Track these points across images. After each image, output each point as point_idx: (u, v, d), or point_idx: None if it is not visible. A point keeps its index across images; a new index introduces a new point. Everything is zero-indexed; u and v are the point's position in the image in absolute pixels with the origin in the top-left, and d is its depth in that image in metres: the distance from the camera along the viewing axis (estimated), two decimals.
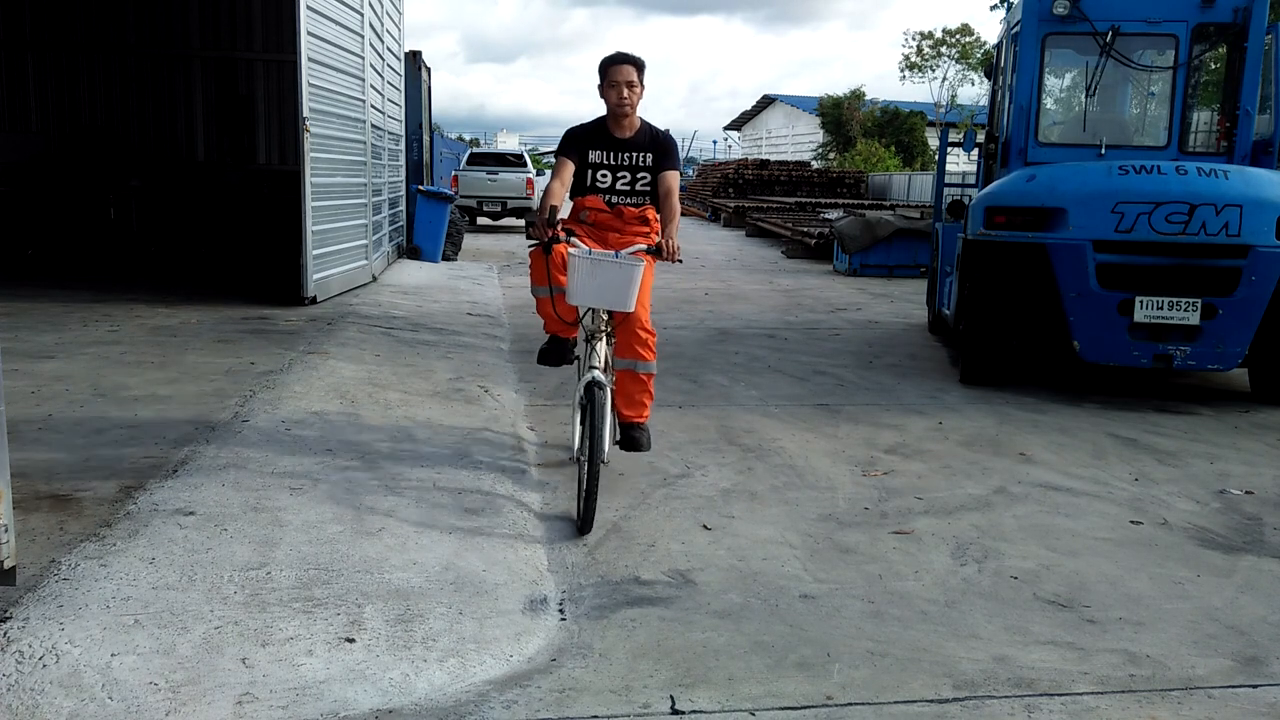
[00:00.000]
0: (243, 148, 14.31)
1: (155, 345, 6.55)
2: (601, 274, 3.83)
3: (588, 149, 4.35)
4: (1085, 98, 7.46)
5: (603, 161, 4.37)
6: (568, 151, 4.34)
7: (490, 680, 2.68)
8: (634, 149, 4.36)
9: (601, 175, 4.37)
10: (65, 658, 2.50)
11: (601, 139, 4.37)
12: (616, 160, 4.37)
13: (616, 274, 3.84)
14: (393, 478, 4.09)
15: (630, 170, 4.37)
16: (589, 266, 3.84)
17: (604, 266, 3.84)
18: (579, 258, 3.85)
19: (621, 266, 3.84)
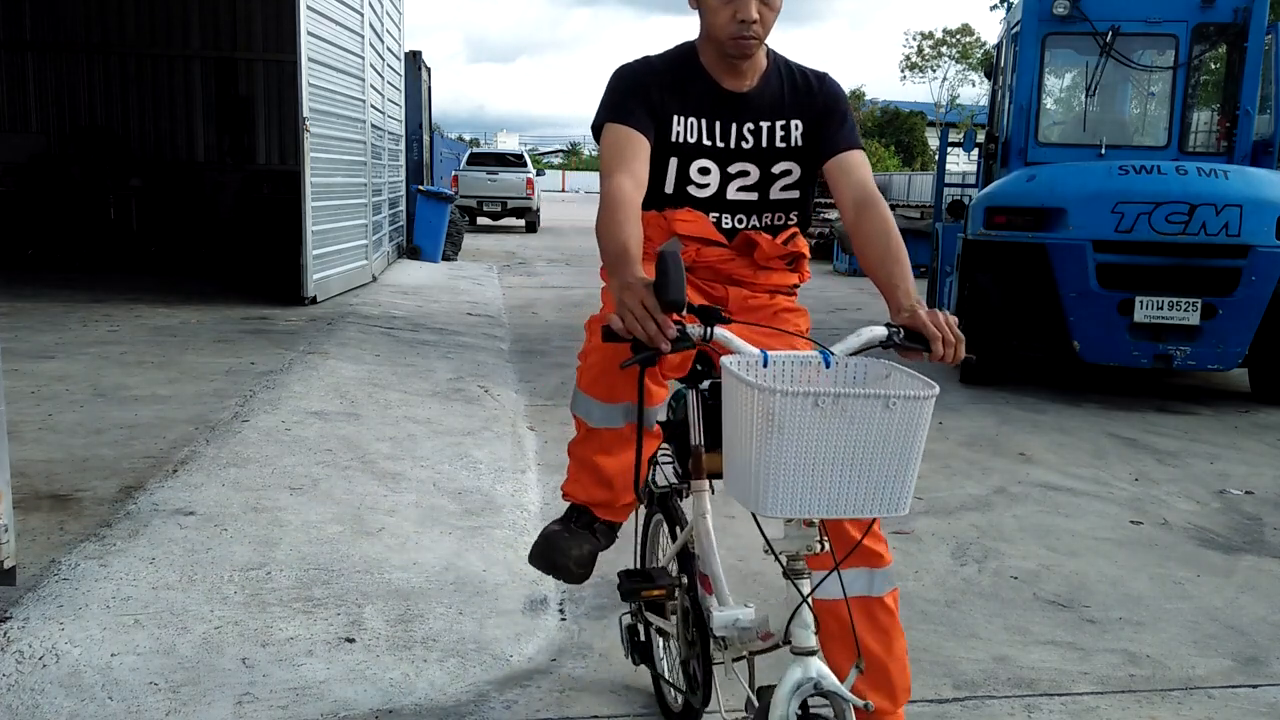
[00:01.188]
0: (243, 148, 14.31)
1: (155, 345, 6.54)
2: (841, 430, 1.52)
3: (671, 113, 2.15)
4: (1085, 98, 7.46)
5: (701, 141, 2.18)
6: (632, 114, 2.10)
7: (490, 680, 2.68)
8: (763, 113, 2.19)
9: (700, 170, 2.19)
10: (65, 658, 2.50)
11: (696, 95, 2.17)
12: (729, 138, 2.19)
13: (876, 426, 1.54)
14: (393, 477, 4.08)
15: (759, 157, 2.20)
16: (805, 411, 1.50)
17: (851, 411, 1.52)
18: (785, 396, 1.49)
19: (892, 406, 1.53)
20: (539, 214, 22.68)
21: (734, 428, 1.59)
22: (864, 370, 1.75)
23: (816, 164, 2.22)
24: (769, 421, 1.47)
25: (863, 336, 1.81)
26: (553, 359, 7.28)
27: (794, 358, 1.74)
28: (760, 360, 1.71)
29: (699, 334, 1.71)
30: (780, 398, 1.46)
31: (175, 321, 7.54)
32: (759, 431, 1.49)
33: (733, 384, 1.57)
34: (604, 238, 1.90)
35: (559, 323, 9.10)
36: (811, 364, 1.74)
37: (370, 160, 10.89)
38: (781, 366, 1.73)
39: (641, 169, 2.05)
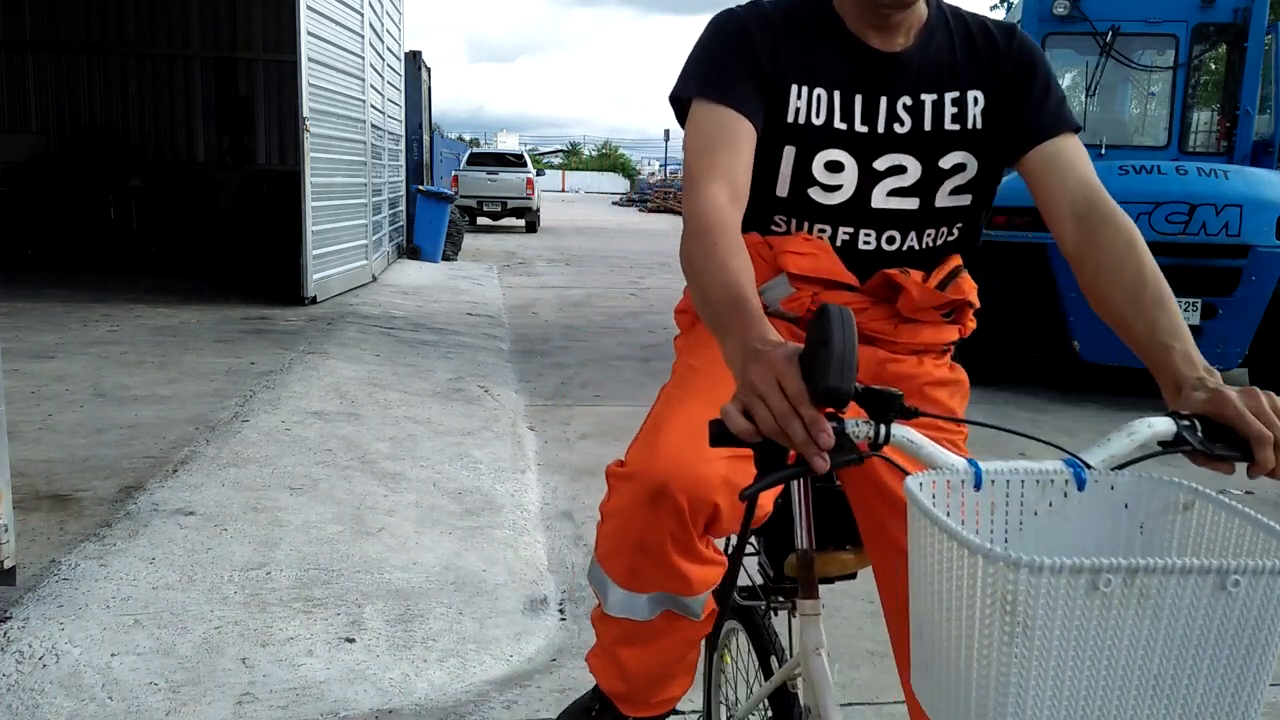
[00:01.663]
0: (243, 148, 14.31)
1: (155, 345, 6.54)
2: (1138, 630, 0.86)
3: (789, 81, 1.48)
4: (1085, 98, 7.46)
5: (833, 123, 1.50)
6: (734, 89, 1.43)
7: (490, 680, 2.68)
8: (925, 82, 1.52)
9: (829, 165, 1.51)
10: (65, 658, 2.50)
11: (826, 56, 1.50)
12: (875, 118, 1.51)
13: (1201, 620, 0.87)
14: (393, 477, 4.08)
15: (921, 145, 1.52)
16: (1075, 600, 0.85)
17: (1159, 597, 0.85)
18: (1038, 574, 0.84)
19: (1233, 588, 0.85)
20: (539, 214, 22.69)
21: (934, 605, 0.95)
22: (1146, 499, 1.07)
23: (1006, 156, 1.54)
24: (1008, 615, 0.86)
25: (1135, 436, 1.13)
26: (553, 359, 7.28)
27: (1024, 473, 1.07)
28: (971, 478, 1.06)
29: (866, 435, 1.05)
30: (1029, 576, 0.84)
31: (175, 321, 7.54)
32: (989, 628, 0.88)
33: (929, 533, 0.94)
34: (700, 275, 1.25)
35: (559, 323, 9.10)
36: (1055, 486, 1.07)
37: (370, 160, 10.89)
38: (1005, 491, 1.07)
39: (743, 172, 1.38)
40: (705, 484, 1.32)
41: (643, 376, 6.75)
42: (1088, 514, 1.07)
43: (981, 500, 1.06)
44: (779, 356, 1.00)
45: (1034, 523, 1.07)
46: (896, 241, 1.56)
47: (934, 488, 1.04)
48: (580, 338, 8.26)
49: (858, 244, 1.55)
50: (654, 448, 1.40)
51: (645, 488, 1.35)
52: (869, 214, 1.53)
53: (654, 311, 9.95)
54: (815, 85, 1.49)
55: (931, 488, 1.03)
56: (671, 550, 1.38)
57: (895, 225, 1.54)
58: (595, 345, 7.91)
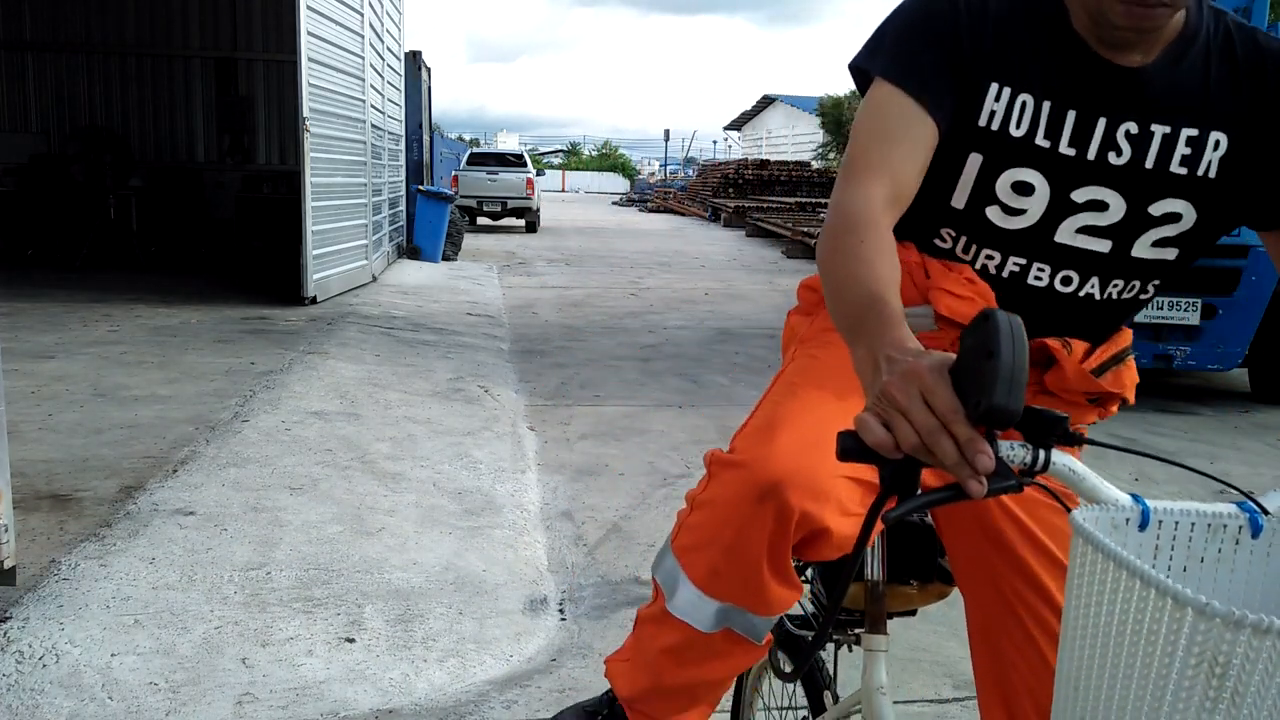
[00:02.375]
0: (243, 148, 14.31)
1: (155, 345, 6.55)
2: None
3: (988, 79, 1.25)
4: None
5: (1034, 138, 1.26)
6: (925, 76, 1.22)
7: (490, 680, 2.68)
8: (1161, 109, 1.24)
9: (1018, 186, 1.28)
10: (65, 658, 2.50)
11: (1045, 58, 1.24)
12: (1088, 141, 1.25)
13: None
14: (393, 477, 4.09)
15: (1134, 182, 1.26)
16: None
17: None
18: (1255, 634, 0.74)
19: None
20: (539, 214, 22.68)
21: (1105, 657, 0.86)
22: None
23: (1247, 219, 1.30)
24: (1216, 679, 0.77)
25: None
26: (553, 359, 7.28)
27: (1195, 515, 0.96)
28: (1138, 516, 0.96)
29: (1022, 461, 0.96)
30: (1251, 639, 0.74)
31: (175, 321, 7.54)
32: (1189, 692, 0.79)
33: (1105, 575, 0.85)
34: (838, 272, 1.12)
35: (559, 323, 9.11)
36: (1228, 531, 0.97)
37: (370, 160, 10.89)
38: (1173, 534, 0.97)
39: (912, 175, 1.21)
40: (822, 496, 1.16)
41: (643, 376, 6.75)
42: (1259, 565, 0.95)
43: (1145, 541, 0.94)
44: (924, 367, 0.88)
45: (1199, 570, 0.96)
46: (1073, 284, 1.33)
47: (1096, 525, 0.92)
48: (580, 338, 8.26)
49: (1027, 279, 1.33)
50: (770, 440, 1.22)
51: (754, 483, 1.19)
52: (1049, 248, 1.31)
53: (654, 311, 9.95)
54: (1021, 90, 1.25)
55: (1095, 524, 0.91)
56: (764, 558, 1.21)
57: (1077, 265, 1.31)
58: (595, 345, 7.91)
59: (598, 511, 4.07)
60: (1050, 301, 1.33)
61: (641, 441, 5.14)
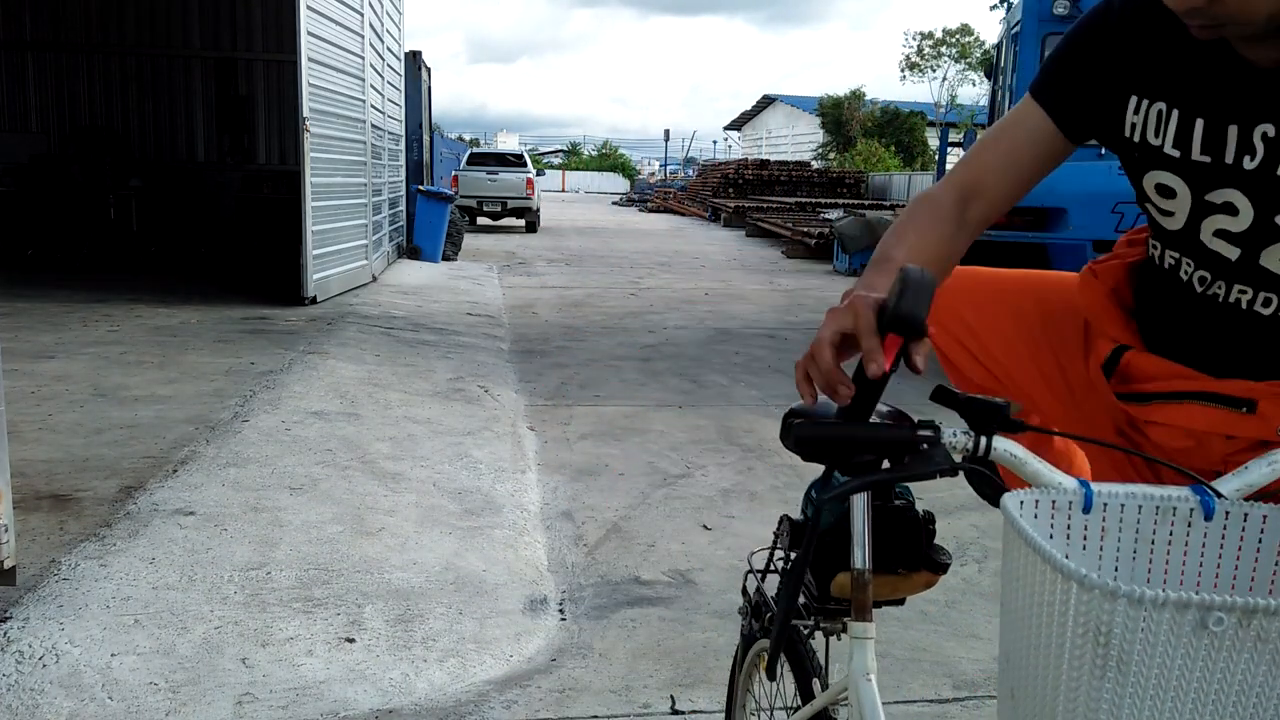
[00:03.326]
0: (243, 148, 14.31)
1: (155, 345, 6.55)
2: (1253, 677, 0.80)
3: (1128, 92, 1.27)
4: None
5: (1164, 147, 1.25)
6: (1059, 93, 1.32)
7: (490, 680, 2.68)
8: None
9: (1160, 189, 1.29)
10: (65, 658, 2.50)
11: (1179, 64, 1.22)
12: (1221, 146, 1.20)
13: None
14: (393, 477, 4.09)
15: (1260, 186, 1.19)
16: (1179, 637, 0.79)
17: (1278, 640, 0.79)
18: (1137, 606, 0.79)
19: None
20: (539, 214, 22.68)
21: (1024, 631, 0.89)
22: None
23: None
24: (1102, 648, 0.79)
25: (1277, 465, 1.02)
26: (553, 359, 7.28)
27: (1142, 497, 0.98)
28: (1081, 499, 0.97)
29: (965, 446, 1.02)
30: (1127, 608, 0.77)
31: (175, 321, 7.54)
32: (1079, 660, 0.81)
33: (1022, 554, 0.88)
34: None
35: (559, 323, 9.11)
36: (1178, 514, 0.97)
37: (370, 160, 10.89)
38: (1119, 516, 0.97)
39: (995, 168, 1.32)
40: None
41: (643, 377, 6.75)
42: (1214, 548, 0.97)
43: (1091, 524, 0.97)
44: (861, 297, 1.01)
45: (1150, 552, 0.98)
46: (1214, 286, 1.28)
47: (1036, 507, 0.96)
48: (580, 338, 8.26)
49: (1181, 273, 1.33)
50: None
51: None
52: (1197, 249, 1.30)
53: (654, 311, 9.95)
54: (1155, 99, 1.26)
55: (1034, 507, 0.95)
56: None
57: (1208, 267, 1.29)
58: (595, 345, 7.91)
59: (598, 511, 4.07)
60: (1207, 306, 1.31)
61: (641, 441, 5.14)
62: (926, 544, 1.42)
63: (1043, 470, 1.02)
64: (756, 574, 1.68)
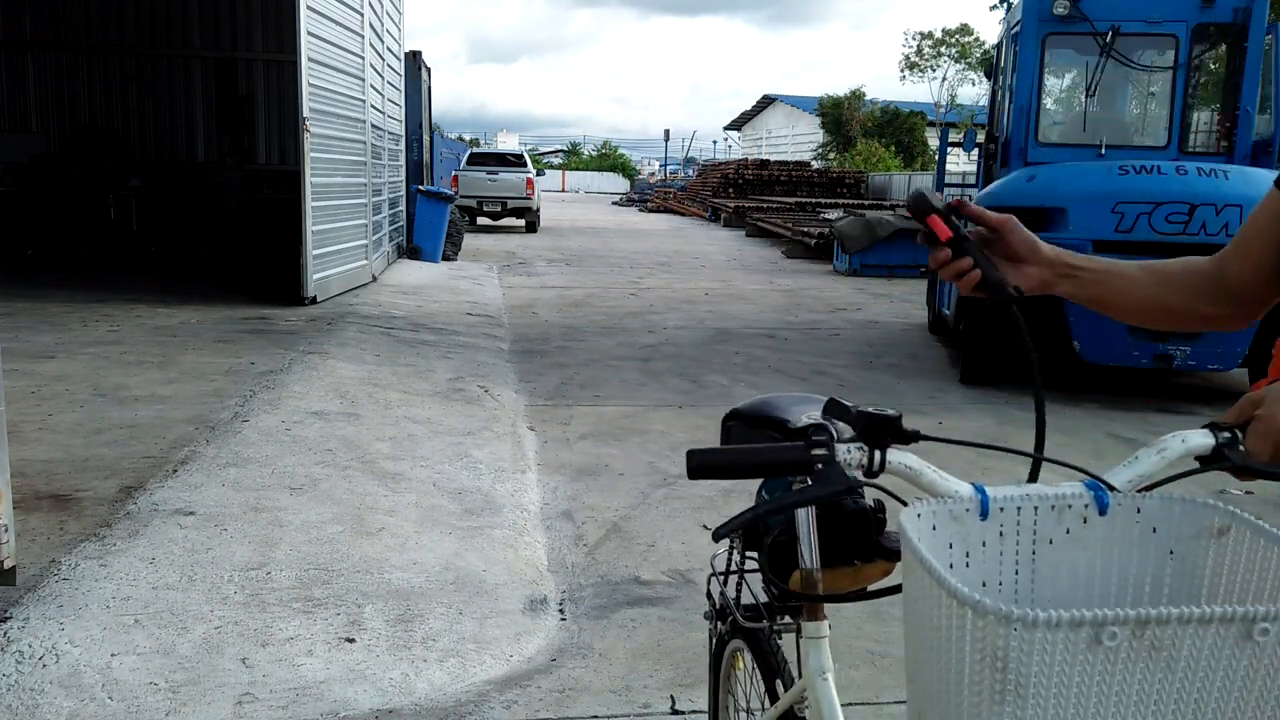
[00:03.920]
0: (243, 148, 14.30)
1: (155, 345, 6.54)
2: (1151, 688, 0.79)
3: None
4: (1085, 98, 7.46)
5: None
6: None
7: (490, 680, 2.68)
8: None
9: None
10: (65, 658, 2.50)
11: None
12: None
13: (1222, 676, 0.79)
14: (393, 477, 4.08)
15: None
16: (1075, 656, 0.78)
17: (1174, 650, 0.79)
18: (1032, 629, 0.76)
19: (1261, 637, 0.78)
20: (539, 214, 22.68)
21: (925, 653, 0.87)
22: (1177, 523, 0.96)
23: None
24: (999, 673, 0.77)
25: (1166, 453, 1.01)
26: (553, 359, 7.28)
27: (1037, 498, 0.97)
28: (977, 506, 0.95)
29: (860, 462, 1.02)
30: (1022, 632, 0.75)
31: (175, 321, 7.54)
32: (978, 686, 0.79)
33: (920, 574, 0.84)
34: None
35: (559, 323, 9.10)
36: (1073, 511, 0.97)
37: (370, 160, 10.89)
38: (1016, 520, 0.96)
39: (1238, 256, 1.43)
40: None
41: (643, 377, 6.75)
42: (1112, 541, 0.96)
43: (989, 530, 0.96)
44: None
45: (1049, 552, 0.97)
46: None
47: (935, 519, 0.94)
48: (580, 338, 8.26)
49: None
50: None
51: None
52: None
53: (654, 311, 9.95)
54: None
55: (933, 519, 0.93)
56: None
57: None
58: (595, 345, 7.91)
59: (598, 511, 4.07)
60: None
61: (641, 441, 5.14)
62: (878, 533, 1.41)
63: (937, 480, 1.01)
64: (718, 576, 1.68)
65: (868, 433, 1.03)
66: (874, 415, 1.03)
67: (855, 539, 1.44)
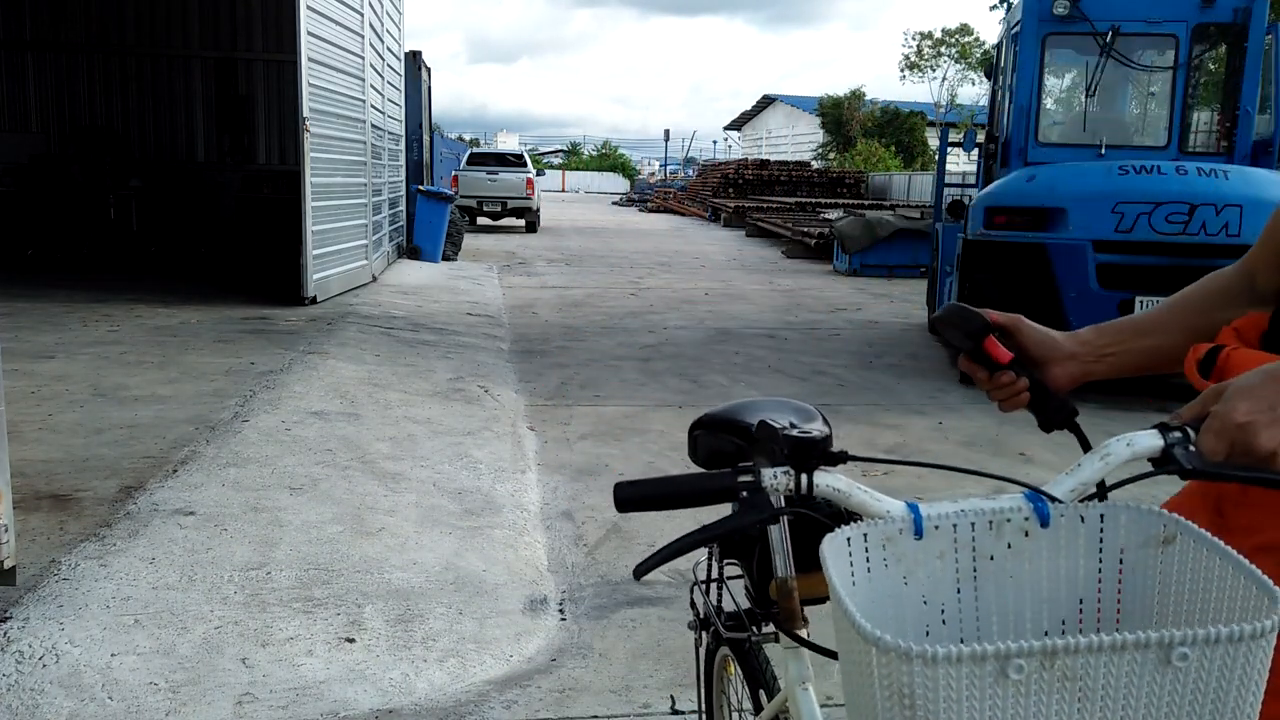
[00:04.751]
0: (243, 148, 14.30)
1: (155, 345, 6.54)
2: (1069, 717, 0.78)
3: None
4: (1085, 98, 7.46)
5: None
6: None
7: (490, 680, 2.68)
8: None
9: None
10: (65, 658, 2.50)
11: None
12: None
13: (1143, 702, 0.76)
14: (393, 477, 4.08)
15: None
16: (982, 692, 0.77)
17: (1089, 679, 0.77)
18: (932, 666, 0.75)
19: (1181, 663, 0.75)
20: (539, 214, 22.69)
21: (851, 689, 0.85)
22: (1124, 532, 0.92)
23: None
24: (908, 710, 0.76)
25: (1111, 458, 0.96)
26: (553, 359, 7.28)
27: (973, 514, 0.93)
28: (910, 526, 0.92)
29: (786, 487, 1.01)
30: (923, 669, 0.74)
31: (175, 321, 7.54)
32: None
33: (838, 615, 0.82)
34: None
35: (559, 323, 9.10)
36: (1012, 525, 0.93)
37: (370, 160, 10.89)
38: (953, 537, 0.92)
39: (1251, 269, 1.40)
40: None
41: (643, 377, 6.75)
42: (1056, 554, 0.92)
43: (925, 549, 0.91)
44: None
45: (991, 569, 0.93)
46: None
47: (866, 542, 0.90)
48: (580, 338, 8.26)
49: None
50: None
51: None
52: None
53: (654, 311, 9.95)
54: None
55: (863, 542, 0.89)
56: None
57: None
58: (595, 345, 7.91)
59: (598, 511, 4.07)
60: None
61: (641, 441, 5.14)
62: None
63: (868, 500, 0.97)
64: (700, 585, 1.65)
65: (793, 456, 1.01)
66: (798, 439, 1.01)
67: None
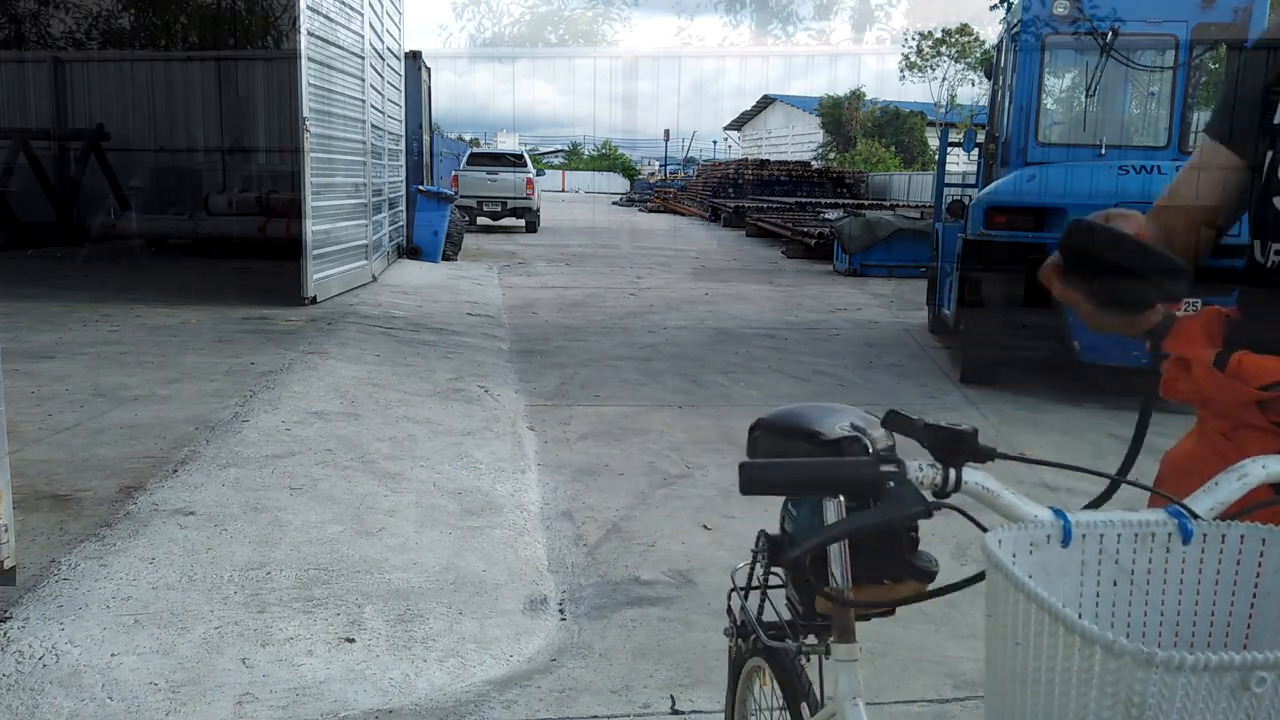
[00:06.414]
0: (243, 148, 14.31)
1: (155, 345, 6.54)
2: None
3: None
4: (1085, 98, 7.46)
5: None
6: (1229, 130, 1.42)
7: (490, 680, 2.68)
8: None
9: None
10: (65, 658, 2.50)
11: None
12: None
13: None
14: (393, 477, 4.08)
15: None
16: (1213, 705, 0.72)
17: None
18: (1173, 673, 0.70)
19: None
20: (539, 214, 22.68)
21: (1026, 695, 0.79)
22: (1263, 554, 0.89)
23: None
24: (1129, 717, 0.71)
25: (1247, 479, 0.96)
26: (553, 359, 7.28)
27: (1120, 525, 0.91)
28: (1059, 532, 0.89)
29: (932, 481, 0.95)
30: (1164, 676, 0.69)
31: (175, 321, 7.54)
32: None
33: (1019, 608, 0.79)
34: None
35: (559, 323, 9.10)
36: (1157, 539, 0.91)
37: (370, 160, 10.89)
38: (1099, 547, 0.90)
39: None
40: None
41: (643, 377, 6.75)
42: (1192, 573, 0.90)
43: (1070, 558, 0.89)
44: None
45: (1129, 583, 0.90)
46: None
47: (1016, 545, 0.87)
48: (580, 338, 8.26)
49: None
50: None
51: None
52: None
53: (654, 311, 9.95)
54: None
55: (1013, 545, 0.86)
56: None
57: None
58: (595, 345, 7.91)
59: (598, 511, 4.07)
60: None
61: (641, 441, 5.14)
62: (910, 552, 1.36)
63: (1017, 502, 0.95)
64: (740, 592, 1.60)
65: (941, 449, 0.95)
66: (947, 430, 0.95)
67: (888, 556, 1.38)
